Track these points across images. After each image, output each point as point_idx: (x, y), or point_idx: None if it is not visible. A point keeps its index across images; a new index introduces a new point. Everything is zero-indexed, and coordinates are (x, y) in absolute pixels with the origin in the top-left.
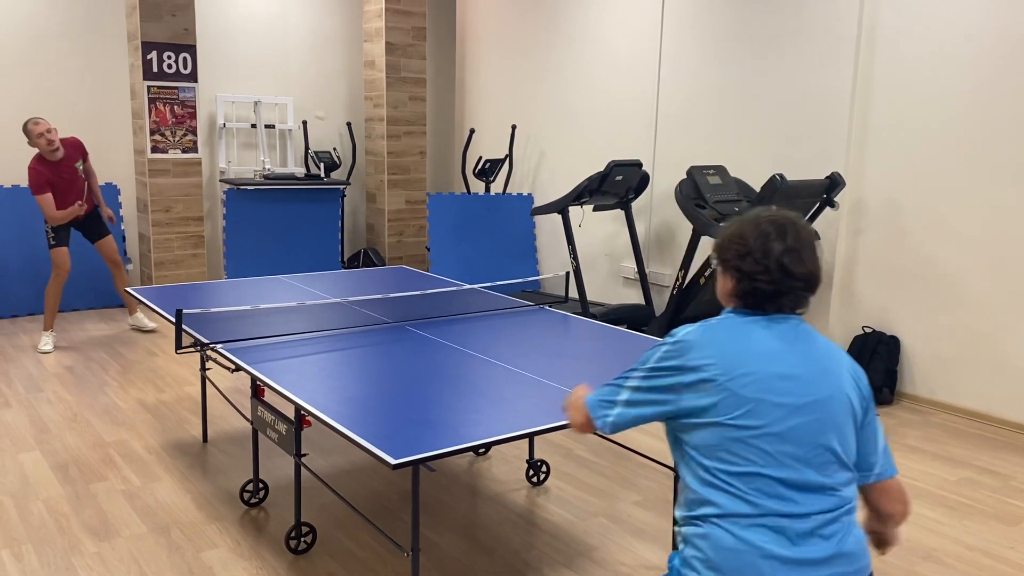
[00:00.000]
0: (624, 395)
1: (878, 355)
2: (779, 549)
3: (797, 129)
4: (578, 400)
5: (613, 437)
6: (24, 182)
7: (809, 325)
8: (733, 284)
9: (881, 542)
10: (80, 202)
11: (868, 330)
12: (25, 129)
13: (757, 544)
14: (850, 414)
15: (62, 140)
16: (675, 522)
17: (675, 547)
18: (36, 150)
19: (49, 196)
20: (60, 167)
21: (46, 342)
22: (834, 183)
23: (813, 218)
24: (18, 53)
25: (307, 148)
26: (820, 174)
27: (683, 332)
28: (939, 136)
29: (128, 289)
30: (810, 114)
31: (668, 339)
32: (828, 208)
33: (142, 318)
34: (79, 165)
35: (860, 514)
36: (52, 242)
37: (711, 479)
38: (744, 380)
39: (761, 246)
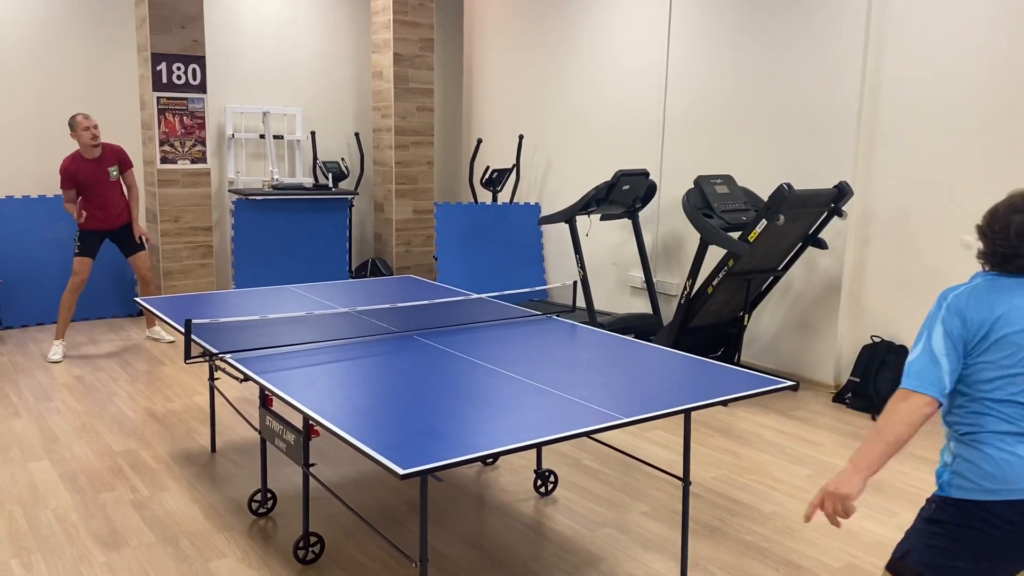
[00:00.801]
0: (941, 357)
1: (887, 365)
2: None
3: (804, 138)
4: (898, 401)
5: (619, 446)
6: (34, 193)
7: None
8: (982, 250)
9: None
10: (81, 211)
11: (877, 340)
12: (73, 120)
13: (1019, 453)
14: None
15: (107, 144)
16: (947, 438)
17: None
18: (75, 148)
19: (71, 192)
20: (93, 166)
21: (56, 351)
22: (842, 192)
23: (820, 227)
24: (29, 64)
25: (315, 158)
26: (828, 183)
27: (953, 295)
28: (947, 145)
29: (139, 300)
30: (817, 123)
31: (939, 305)
32: (836, 217)
33: (159, 331)
34: (113, 170)
35: None
36: (76, 250)
37: (983, 407)
38: (1010, 326)
39: (1004, 217)
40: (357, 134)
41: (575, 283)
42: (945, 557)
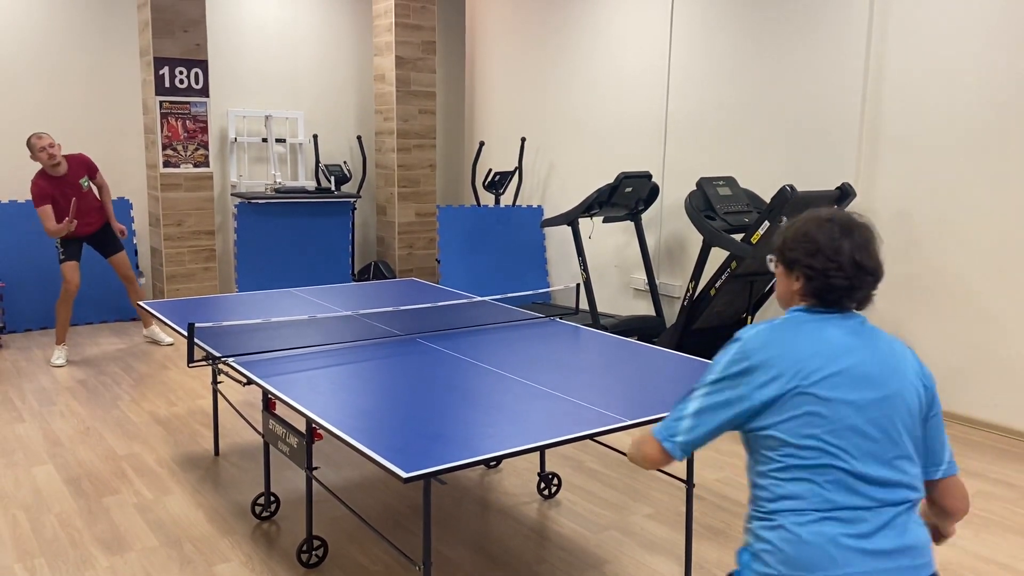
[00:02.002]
0: (692, 410)
1: None
2: (850, 540)
3: (807, 140)
4: (643, 434)
5: (623, 448)
6: None
7: (866, 320)
8: (803, 283)
9: (937, 536)
10: (70, 219)
11: None
12: (28, 143)
13: (829, 536)
14: (918, 409)
15: (68, 156)
16: (747, 519)
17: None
18: (40, 165)
19: (48, 209)
20: (63, 182)
21: (58, 356)
22: (844, 194)
23: None
24: (31, 69)
25: (318, 162)
26: (830, 185)
27: (748, 334)
28: (950, 146)
29: (141, 303)
30: (820, 125)
31: (732, 344)
32: None
33: (157, 331)
34: (84, 181)
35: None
36: (61, 257)
37: (784, 474)
38: (815, 376)
39: (830, 243)
40: (359, 137)
41: (578, 285)
42: None
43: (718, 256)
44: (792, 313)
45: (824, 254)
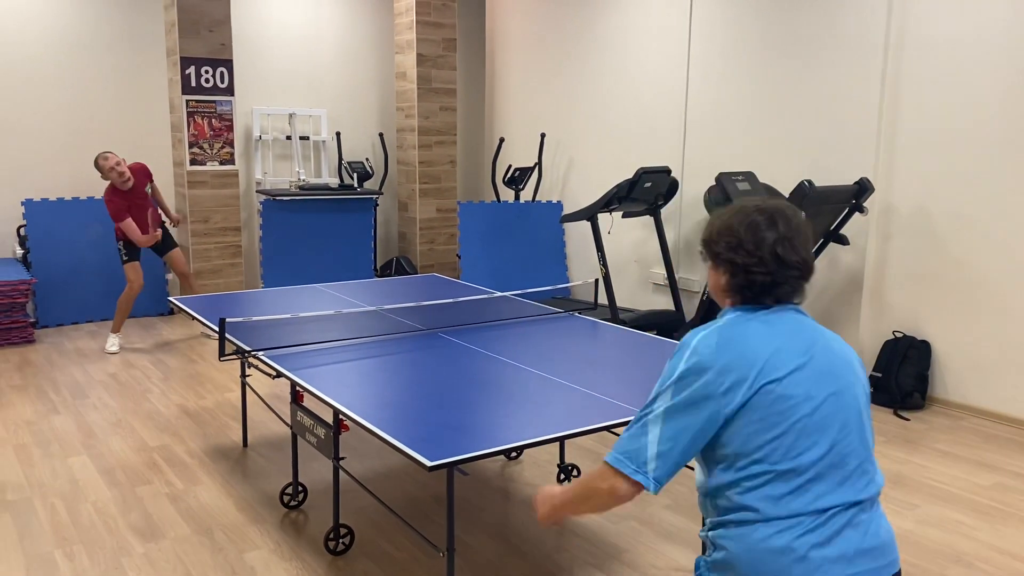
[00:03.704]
0: (656, 434)
1: (909, 360)
2: (811, 548)
3: (825, 134)
4: (599, 471)
5: None
6: (68, 195)
7: (806, 313)
8: (727, 278)
9: None
10: (158, 230)
11: (899, 335)
12: (97, 165)
13: (787, 543)
14: (865, 402)
15: (131, 167)
16: (703, 526)
17: (703, 551)
18: (108, 182)
19: (131, 222)
20: (133, 194)
21: (113, 343)
22: (863, 188)
23: (842, 223)
24: (61, 69)
25: (340, 159)
26: (849, 179)
27: (698, 339)
28: (968, 139)
29: (172, 299)
30: (838, 119)
31: (682, 352)
32: (857, 213)
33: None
34: (148, 190)
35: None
36: (124, 258)
37: (740, 481)
38: (777, 375)
39: (752, 236)
40: (381, 134)
41: (597, 280)
42: None
43: None
44: (732, 313)
45: (745, 248)
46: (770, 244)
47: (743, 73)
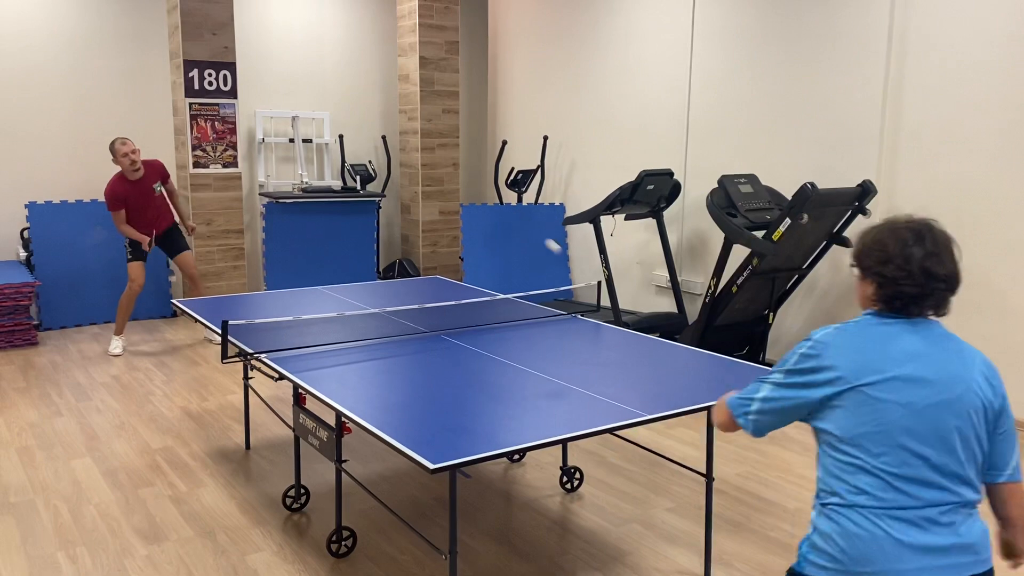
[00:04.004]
0: (763, 395)
1: None
2: (904, 536)
3: (828, 137)
4: (721, 400)
5: (644, 443)
6: (71, 198)
7: (946, 328)
8: (875, 288)
9: (1011, 552)
10: (149, 239)
11: None
12: (112, 147)
13: (883, 530)
14: (983, 415)
15: (145, 162)
16: (812, 509)
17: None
18: (118, 169)
19: (121, 214)
20: (138, 186)
21: (116, 345)
22: (866, 191)
23: (845, 226)
24: (65, 73)
25: (343, 161)
26: (851, 182)
27: (821, 333)
28: (972, 143)
29: (175, 301)
30: (841, 122)
31: (806, 341)
32: (860, 216)
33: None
34: (157, 187)
35: (991, 523)
36: (128, 256)
37: (842, 469)
38: (872, 378)
39: (901, 252)
40: (384, 137)
41: (600, 283)
42: None
43: (740, 253)
44: (864, 316)
45: (894, 262)
46: (919, 259)
47: (745, 75)
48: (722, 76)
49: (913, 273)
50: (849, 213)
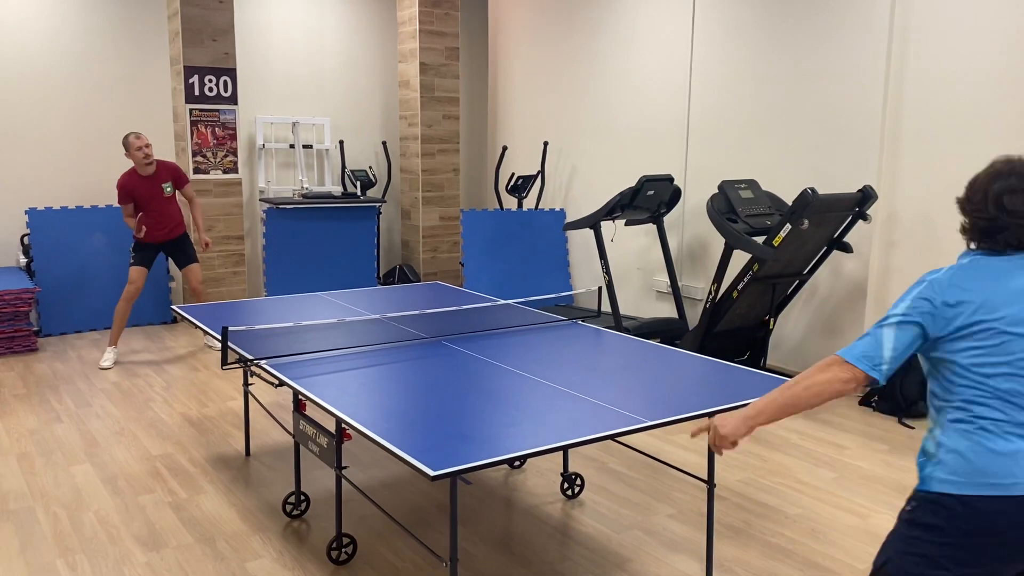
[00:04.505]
0: (889, 339)
1: (913, 368)
2: None
3: (828, 142)
4: (826, 362)
5: (645, 449)
6: (72, 204)
7: None
8: (964, 222)
9: None
10: (142, 227)
11: None
12: (125, 141)
13: (1016, 449)
14: None
15: (161, 161)
16: (930, 429)
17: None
18: (130, 165)
19: (129, 207)
20: (148, 182)
21: (106, 357)
22: (866, 196)
23: (845, 231)
24: (67, 79)
25: (344, 167)
26: (852, 187)
27: (934, 275)
28: (972, 147)
29: (175, 307)
30: (841, 127)
31: (917, 284)
32: (861, 221)
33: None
34: (167, 187)
35: None
36: (132, 260)
37: (978, 393)
38: (999, 312)
39: (984, 186)
40: (384, 143)
41: (600, 288)
42: (927, 566)
43: (740, 259)
44: (970, 255)
45: (976, 197)
46: (996, 192)
47: (745, 81)
48: (722, 82)
49: (987, 207)
50: (849, 219)
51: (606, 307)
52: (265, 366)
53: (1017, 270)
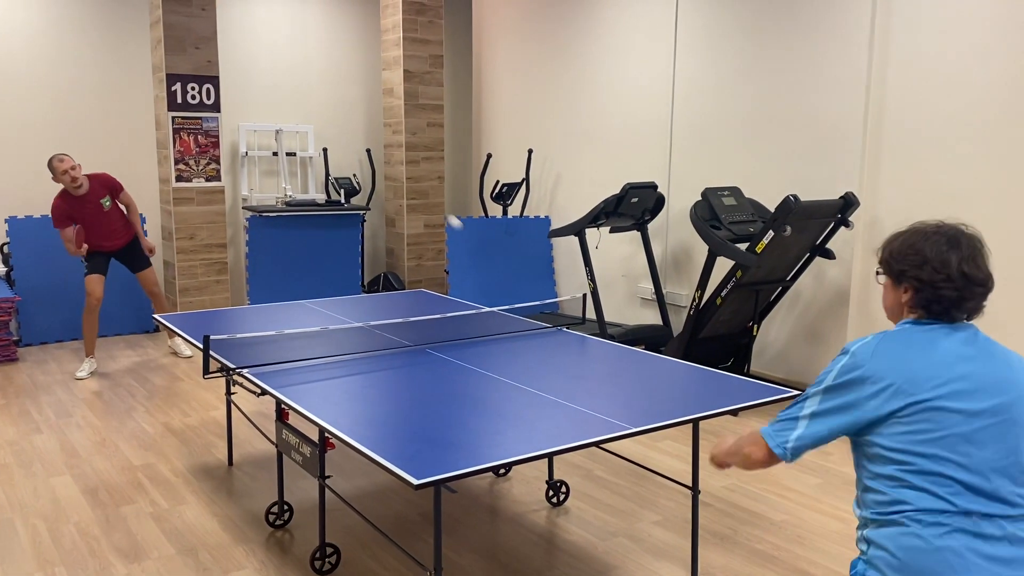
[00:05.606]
0: (804, 417)
1: None
2: (969, 546)
3: (810, 149)
4: (752, 435)
5: (630, 456)
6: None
7: (978, 330)
8: (912, 295)
9: None
10: (84, 246)
11: None
12: (50, 165)
13: (947, 542)
14: None
15: (91, 176)
16: (860, 527)
17: (861, 552)
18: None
19: (68, 231)
20: (83, 202)
21: (82, 368)
22: (848, 203)
23: (828, 238)
24: (47, 86)
25: (327, 175)
26: (834, 194)
27: (858, 345)
28: (954, 154)
29: (156, 316)
30: (823, 134)
31: (842, 355)
32: (843, 228)
33: (180, 344)
34: (105, 201)
35: None
36: (86, 269)
37: (898, 482)
38: (927, 387)
39: (938, 256)
40: (368, 150)
41: (585, 295)
42: None
43: (724, 265)
44: (902, 325)
45: (931, 266)
46: (956, 263)
47: (728, 89)
48: (705, 89)
49: (952, 277)
50: (832, 225)
51: (591, 314)
52: (247, 375)
53: (941, 339)
